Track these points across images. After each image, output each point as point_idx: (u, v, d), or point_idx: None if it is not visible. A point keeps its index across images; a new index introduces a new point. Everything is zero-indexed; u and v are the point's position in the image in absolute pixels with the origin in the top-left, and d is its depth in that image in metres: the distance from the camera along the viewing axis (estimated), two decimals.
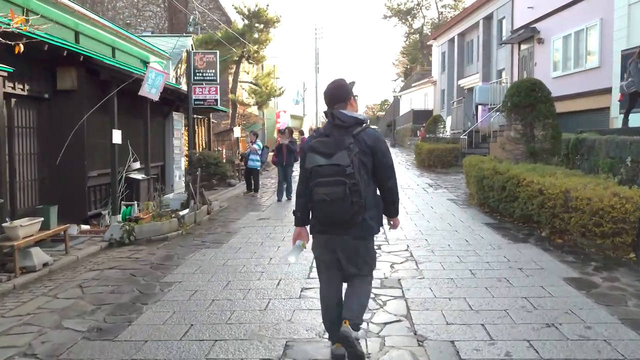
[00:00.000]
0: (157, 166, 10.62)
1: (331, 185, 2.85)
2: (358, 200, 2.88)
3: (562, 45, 15.83)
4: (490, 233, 7.11)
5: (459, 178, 14.17)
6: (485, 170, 8.79)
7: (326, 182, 2.86)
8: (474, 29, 26.03)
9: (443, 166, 17.36)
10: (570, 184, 6.27)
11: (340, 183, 2.84)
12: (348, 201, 2.85)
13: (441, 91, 32.02)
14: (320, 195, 2.88)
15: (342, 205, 2.86)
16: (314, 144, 3.00)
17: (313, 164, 2.95)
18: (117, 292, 4.93)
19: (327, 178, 2.87)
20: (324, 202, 2.88)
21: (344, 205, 2.86)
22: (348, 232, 2.99)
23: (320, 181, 2.88)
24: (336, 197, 2.84)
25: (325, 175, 2.88)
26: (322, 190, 2.87)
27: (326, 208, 2.91)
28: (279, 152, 11.04)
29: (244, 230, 7.94)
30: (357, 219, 2.94)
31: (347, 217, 2.91)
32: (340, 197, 2.84)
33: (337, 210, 2.89)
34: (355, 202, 2.88)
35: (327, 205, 2.88)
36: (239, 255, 6.26)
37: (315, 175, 2.92)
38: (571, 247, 6.15)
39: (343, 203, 2.85)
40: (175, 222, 7.79)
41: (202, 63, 9.45)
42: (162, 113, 10.77)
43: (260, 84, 18.89)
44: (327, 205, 2.89)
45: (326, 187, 2.86)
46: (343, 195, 2.84)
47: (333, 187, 2.85)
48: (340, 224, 2.96)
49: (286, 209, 9.98)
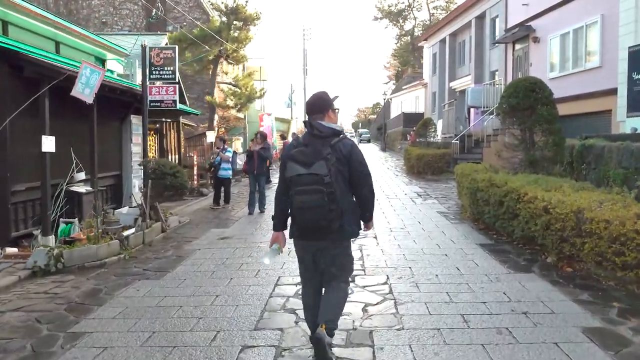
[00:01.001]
0: (111, 176, 9.43)
1: (310, 194, 3.01)
2: (335, 208, 3.04)
3: (559, 44, 14.84)
4: (485, 258, 6.01)
5: (451, 187, 13.10)
6: (479, 182, 7.71)
7: (305, 191, 3.02)
8: (466, 28, 25.07)
9: (434, 173, 16.30)
10: (583, 202, 5.18)
11: (318, 192, 2.99)
12: (326, 208, 3.01)
13: (432, 94, 31.04)
14: (299, 203, 3.05)
15: (320, 212, 3.01)
16: (293, 154, 3.15)
17: (293, 173, 3.10)
18: (2, 350, 3.75)
19: (306, 187, 3.02)
20: (303, 209, 3.06)
21: (322, 212, 3.01)
22: (326, 238, 3.15)
23: (299, 189, 3.04)
24: (314, 204, 3.00)
25: (304, 184, 3.03)
26: (301, 198, 3.04)
27: (305, 215, 3.07)
28: (249, 159, 9.91)
29: (198, 253, 6.78)
30: (334, 225, 3.09)
31: (325, 224, 3.05)
32: (318, 205, 3.00)
33: (315, 217, 3.04)
34: (333, 210, 3.03)
35: (306, 212, 3.05)
36: (180, 290, 5.10)
37: (294, 183, 3.07)
38: (584, 278, 5.06)
39: (321, 210, 3.01)
40: (116, 245, 6.62)
41: (159, 59, 8.30)
42: (118, 116, 9.60)
43: (240, 85, 17.74)
44: (305, 212, 3.05)
45: (305, 195, 3.02)
46: (321, 203, 2.99)
47: (311, 195, 3.00)
48: (319, 230, 3.10)
49: (255, 225, 8.82)
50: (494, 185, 7.12)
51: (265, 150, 9.78)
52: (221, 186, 10.64)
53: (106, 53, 10.01)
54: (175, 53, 8.59)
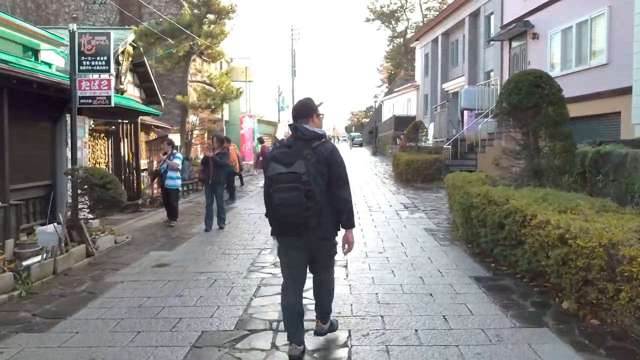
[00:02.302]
0: (39, 187, 7.95)
1: (288, 191, 3.15)
2: (313, 205, 3.17)
3: (560, 40, 13.55)
4: (482, 300, 4.60)
5: (442, 197, 11.73)
6: (474, 197, 6.31)
7: (284, 188, 3.16)
8: (459, 27, 23.82)
9: (424, 180, 14.92)
10: (616, 233, 3.79)
11: (296, 189, 3.14)
12: (303, 206, 3.14)
13: (424, 96, 29.78)
14: (277, 199, 3.18)
15: (298, 209, 3.15)
16: (275, 154, 3.32)
17: (274, 172, 3.24)
18: None
19: (285, 184, 3.16)
20: (280, 206, 3.19)
21: (299, 209, 3.15)
22: (306, 235, 3.27)
23: (279, 187, 3.18)
24: (292, 201, 3.14)
25: (283, 182, 3.17)
26: (279, 195, 3.17)
27: (283, 211, 3.20)
28: (204, 166, 8.45)
29: (118, 288, 5.33)
30: (312, 222, 3.21)
31: (302, 220, 3.18)
32: (295, 202, 3.14)
33: (292, 213, 3.17)
34: (310, 207, 3.16)
35: (284, 208, 3.18)
36: (59, 355, 3.65)
37: (275, 182, 3.21)
38: (619, 337, 3.67)
39: (299, 207, 3.14)
40: (9, 278, 5.15)
41: (90, 47, 6.86)
42: (49, 116, 8.13)
43: (215, 84, 16.29)
44: (283, 208, 3.18)
45: (283, 192, 3.16)
46: (299, 200, 3.14)
47: (290, 192, 3.14)
48: (297, 226, 3.22)
49: (207, 246, 7.37)
50: (492, 203, 5.73)
51: (222, 156, 8.32)
52: (169, 198, 9.18)
53: (39, 43, 8.57)
54: (110, 39, 7.12)
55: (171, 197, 8.98)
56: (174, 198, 9.02)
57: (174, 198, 9.02)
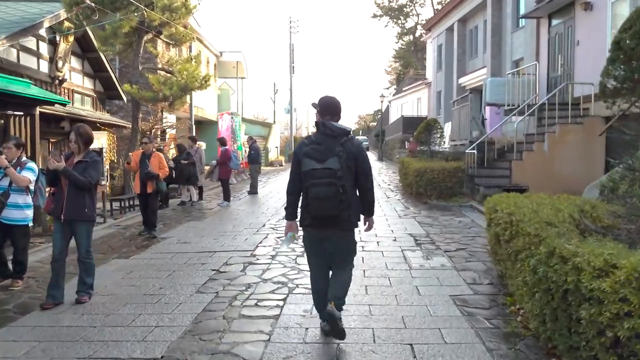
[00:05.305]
0: None
1: (324, 186, 3.39)
2: (346, 199, 3.44)
3: (629, 7, 9.96)
4: None
5: (469, 223, 8.18)
6: (587, 276, 2.73)
7: (320, 183, 3.40)
8: (480, 10, 20.26)
9: (440, 196, 11.32)
10: None
11: (332, 184, 3.39)
12: (338, 199, 3.40)
13: (437, 93, 26.21)
14: (315, 194, 3.40)
15: (333, 202, 3.39)
16: (307, 151, 3.52)
17: (308, 168, 3.47)
18: None
19: (321, 179, 3.40)
20: (318, 199, 3.40)
21: (334, 203, 3.40)
22: (336, 226, 3.54)
23: (314, 182, 3.41)
24: (329, 195, 3.38)
25: (319, 177, 3.41)
26: (317, 190, 3.39)
27: (319, 205, 3.42)
28: None
29: None
30: (344, 214, 3.49)
31: (337, 213, 3.45)
32: (332, 196, 3.38)
33: (329, 206, 3.41)
34: (343, 201, 3.43)
35: (320, 202, 3.40)
36: None
37: (310, 177, 3.44)
38: None
39: (334, 201, 3.39)
40: None
41: None
42: None
43: (175, 71, 12.91)
44: (320, 202, 3.40)
45: (321, 187, 3.39)
46: (335, 194, 3.38)
47: (326, 187, 3.38)
48: (331, 219, 3.48)
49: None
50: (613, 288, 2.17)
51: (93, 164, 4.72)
52: (6, 237, 5.25)
53: None
54: None
55: (16, 235, 5.04)
56: (19, 238, 5.06)
57: (19, 238, 5.06)
